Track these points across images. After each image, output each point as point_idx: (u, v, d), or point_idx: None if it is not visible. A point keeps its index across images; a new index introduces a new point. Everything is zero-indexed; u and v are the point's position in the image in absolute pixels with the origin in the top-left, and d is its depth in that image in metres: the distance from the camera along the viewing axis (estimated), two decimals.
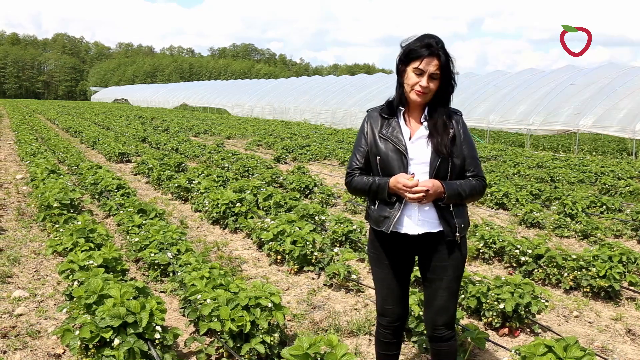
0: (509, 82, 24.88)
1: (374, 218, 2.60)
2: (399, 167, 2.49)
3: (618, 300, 4.89)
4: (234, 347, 3.42)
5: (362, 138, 2.65)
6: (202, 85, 61.93)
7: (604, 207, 8.35)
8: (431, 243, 2.56)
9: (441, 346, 2.69)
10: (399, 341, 2.88)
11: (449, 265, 2.57)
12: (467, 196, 2.51)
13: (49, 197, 6.86)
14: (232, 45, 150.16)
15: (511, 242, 5.63)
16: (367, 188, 2.56)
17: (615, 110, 18.86)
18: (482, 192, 2.57)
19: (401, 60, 2.49)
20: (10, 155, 14.13)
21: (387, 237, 2.59)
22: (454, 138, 2.51)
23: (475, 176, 2.55)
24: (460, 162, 2.52)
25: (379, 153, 2.55)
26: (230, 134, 22.33)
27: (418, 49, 2.40)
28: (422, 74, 2.41)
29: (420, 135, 2.53)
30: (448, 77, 2.46)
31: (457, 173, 2.53)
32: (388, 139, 2.54)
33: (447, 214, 2.51)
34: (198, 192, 8.32)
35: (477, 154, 2.61)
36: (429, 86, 2.43)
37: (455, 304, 2.68)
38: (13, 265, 5.37)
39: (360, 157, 2.63)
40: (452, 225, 2.51)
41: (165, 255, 5.03)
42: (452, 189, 2.45)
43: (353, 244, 6.10)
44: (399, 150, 2.51)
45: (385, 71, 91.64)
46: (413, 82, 2.44)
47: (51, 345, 3.78)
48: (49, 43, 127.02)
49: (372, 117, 2.65)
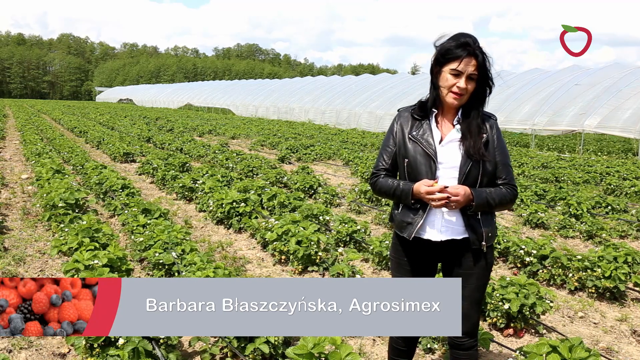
0: (514, 82, 24.81)
1: (397, 222, 2.53)
2: (426, 172, 2.41)
3: (623, 301, 4.87)
4: (238, 347, 3.42)
5: (390, 138, 2.55)
6: (207, 85, 62.04)
7: (609, 208, 8.33)
8: (455, 250, 2.48)
9: (461, 354, 2.61)
10: (411, 350, 2.78)
11: (473, 274, 2.48)
12: (497, 205, 2.41)
13: (54, 196, 6.89)
14: (236, 45, 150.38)
15: (516, 242, 5.62)
16: (392, 192, 2.48)
17: (621, 110, 18.79)
18: (512, 201, 2.47)
19: (437, 61, 2.38)
20: (16, 155, 14.18)
21: (410, 243, 2.51)
22: (487, 143, 2.42)
23: (506, 184, 2.45)
24: (491, 168, 2.43)
25: (407, 156, 2.46)
26: (235, 134, 22.36)
27: (454, 49, 2.30)
28: (460, 75, 2.31)
29: (451, 139, 2.43)
30: (485, 77, 2.36)
31: (487, 180, 2.43)
32: (417, 142, 2.44)
33: (474, 222, 2.42)
34: (202, 192, 8.34)
35: (510, 161, 2.51)
36: (467, 87, 2.34)
37: (478, 312, 2.58)
38: (18, 265, 5.40)
39: (387, 158, 2.55)
40: (479, 233, 2.43)
41: (170, 255, 5.04)
42: (481, 197, 2.36)
43: (357, 244, 6.10)
44: (427, 154, 2.41)
45: (389, 71, 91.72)
46: (450, 84, 2.34)
47: (56, 344, 3.80)
48: (54, 43, 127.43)
49: (402, 117, 2.55)
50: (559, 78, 23.05)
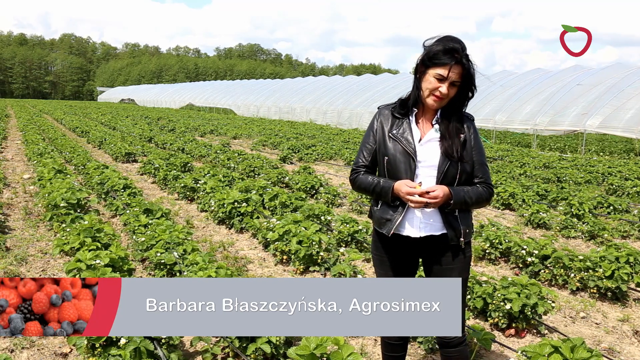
0: (516, 82, 24.81)
1: (377, 219, 2.58)
2: (405, 170, 2.45)
3: (625, 301, 4.87)
4: (240, 347, 3.42)
5: (370, 135, 2.59)
6: (208, 85, 62.06)
7: (611, 208, 8.31)
8: (434, 246, 2.52)
9: (451, 352, 2.63)
10: (405, 343, 2.84)
11: (454, 269, 2.53)
12: (474, 203, 2.47)
13: (56, 196, 6.89)
14: (238, 45, 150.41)
15: (517, 242, 5.61)
16: (371, 189, 2.52)
17: (623, 110, 18.76)
18: (488, 199, 2.53)
19: (422, 62, 2.40)
20: (18, 155, 14.20)
21: (389, 239, 2.56)
22: (465, 143, 2.47)
23: (483, 183, 2.51)
24: (469, 167, 2.48)
25: (387, 154, 2.50)
26: (236, 134, 22.37)
27: (442, 55, 2.31)
28: (444, 81, 2.34)
29: (430, 138, 2.47)
30: (469, 84, 2.40)
31: (464, 179, 2.49)
32: (397, 140, 2.48)
33: (452, 219, 2.47)
34: (204, 192, 8.34)
35: (486, 160, 2.57)
36: (449, 93, 2.37)
37: (463, 307, 2.61)
38: (20, 265, 5.40)
39: (367, 155, 2.59)
40: (457, 230, 2.47)
41: (172, 255, 5.04)
42: (459, 196, 2.41)
43: (359, 244, 6.09)
44: (407, 152, 2.45)
45: (391, 71, 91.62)
46: (432, 87, 2.37)
47: (58, 344, 3.80)
48: (56, 43, 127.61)
49: (382, 114, 2.58)
50: (561, 78, 23.03)
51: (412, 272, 2.70)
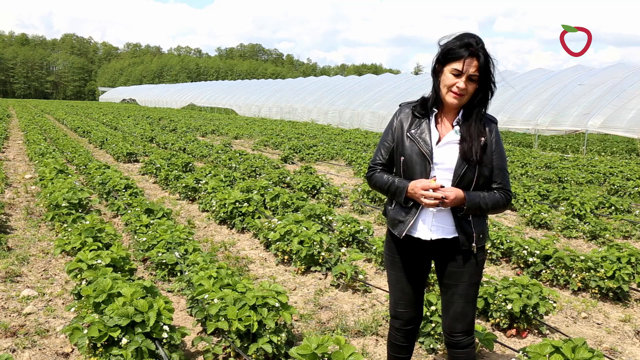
0: (518, 82, 24.77)
1: (390, 219, 2.56)
2: (421, 172, 2.41)
3: (627, 301, 4.86)
4: (241, 347, 3.42)
5: (389, 133, 2.56)
6: (210, 85, 62.08)
7: (613, 208, 8.31)
8: (446, 249, 2.50)
9: (458, 353, 2.62)
10: (411, 345, 2.82)
11: (465, 272, 2.50)
12: (489, 209, 2.42)
13: (58, 196, 6.90)
14: (239, 45, 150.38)
15: (519, 242, 5.61)
16: (386, 188, 2.50)
17: (625, 110, 18.74)
18: (505, 206, 2.48)
19: (438, 60, 2.37)
20: (19, 155, 14.22)
21: (402, 241, 2.54)
22: (485, 146, 2.41)
23: (501, 189, 2.46)
24: (487, 171, 2.42)
25: (404, 153, 2.46)
26: (238, 134, 22.38)
27: (457, 49, 2.29)
28: (460, 75, 2.30)
29: (449, 140, 2.42)
30: (487, 79, 2.35)
31: (482, 183, 2.44)
32: (415, 140, 2.44)
33: (464, 223, 2.43)
34: (205, 192, 8.35)
35: (507, 166, 2.51)
36: (467, 88, 2.33)
37: (474, 310, 2.59)
38: (22, 264, 5.41)
39: (385, 153, 2.56)
40: (469, 234, 2.43)
41: (173, 255, 5.04)
42: (473, 201, 2.37)
43: (360, 244, 6.09)
44: (423, 154, 2.41)
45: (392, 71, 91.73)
46: (450, 83, 2.33)
47: (59, 344, 3.80)
48: (58, 43, 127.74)
49: (403, 112, 2.54)
50: (563, 78, 23.01)
51: (423, 274, 2.67)
